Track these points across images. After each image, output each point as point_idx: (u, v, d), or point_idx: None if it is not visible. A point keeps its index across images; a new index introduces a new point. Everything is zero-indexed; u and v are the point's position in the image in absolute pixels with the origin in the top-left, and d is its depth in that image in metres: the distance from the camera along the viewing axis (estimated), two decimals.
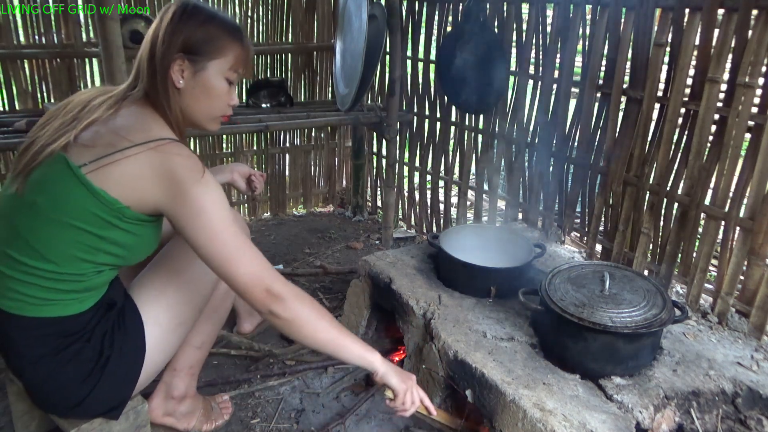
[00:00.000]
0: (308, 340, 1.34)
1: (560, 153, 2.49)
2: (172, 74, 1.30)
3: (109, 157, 1.21)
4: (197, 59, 1.31)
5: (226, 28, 1.33)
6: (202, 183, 1.24)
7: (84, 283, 1.29)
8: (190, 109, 1.36)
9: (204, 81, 1.33)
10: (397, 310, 2.01)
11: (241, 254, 1.26)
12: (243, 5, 3.23)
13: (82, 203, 1.22)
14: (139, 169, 1.22)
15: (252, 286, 1.26)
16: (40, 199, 1.23)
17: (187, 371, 1.67)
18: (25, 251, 1.24)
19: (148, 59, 1.31)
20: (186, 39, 1.29)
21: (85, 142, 1.24)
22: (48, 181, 1.24)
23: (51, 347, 1.30)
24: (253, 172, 1.90)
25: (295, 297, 1.29)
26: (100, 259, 1.29)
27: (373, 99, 3.44)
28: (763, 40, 1.76)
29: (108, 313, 1.37)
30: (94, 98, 1.32)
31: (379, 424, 1.87)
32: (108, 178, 1.22)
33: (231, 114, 1.44)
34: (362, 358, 1.38)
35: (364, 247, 3.24)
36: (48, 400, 1.38)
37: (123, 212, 1.24)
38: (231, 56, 1.34)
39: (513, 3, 2.56)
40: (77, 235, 1.24)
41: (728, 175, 1.91)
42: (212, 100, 1.36)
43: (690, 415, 1.57)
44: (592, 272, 1.79)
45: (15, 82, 2.77)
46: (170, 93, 1.31)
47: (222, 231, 1.25)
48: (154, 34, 1.31)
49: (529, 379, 1.57)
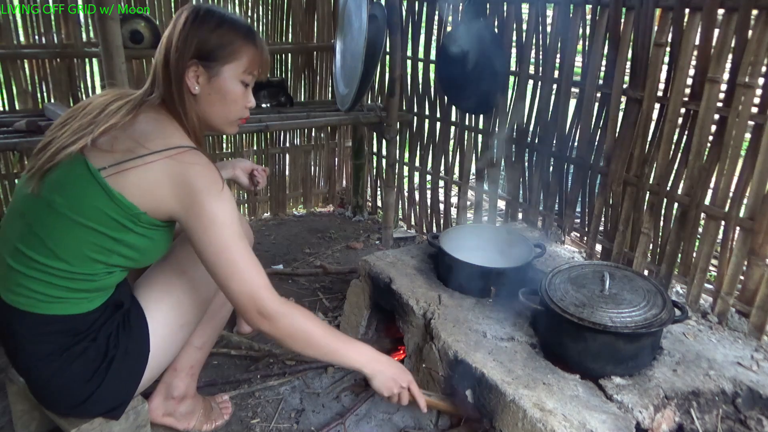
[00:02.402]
0: (300, 351, 1.40)
1: (560, 153, 2.49)
2: (187, 81, 1.31)
3: (129, 162, 1.23)
4: (211, 65, 1.31)
5: (239, 32, 1.33)
6: (218, 197, 1.26)
7: (95, 283, 1.31)
8: (207, 115, 1.37)
9: (219, 86, 1.34)
10: (397, 310, 2.01)
11: (242, 273, 1.29)
12: (243, 5, 3.22)
13: (99, 205, 1.23)
14: (157, 176, 1.24)
15: (245, 305, 1.31)
16: (58, 199, 1.25)
17: (188, 371, 1.67)
18: (39, 249, 1.26)
19: (163, 66, 1.31)
20: (199, 45, 1.30)
21: (103, 147, 1.25)
22: (67, 181, 1.25)
23: (58, 345, 1.31)
24: (255, 167, 1.91)
25: (283, 316, 1.33)
26: (113, 261, 1.30)
27: (373, 99, 3.44)
28: (763, 40, 1.76)
29: (115, 314, 1.38)
30: (112, 102, 1.33)
31: (379, 424, 1.87)
32: (126, 182, 1.23)
33: (248, 116, 1.45)
34: (353, 366, 1.44)
35: (364, 247, 3.24)
36: (52, 399, 1.39)
37: (139, 217, 1.26)
38: (245, 59, 1.34)
39: (513, 3, 2.56)
40: (92, 236, 1.25)
41: (728, 175, 1.91)
42: (228, 104, 1.37)
43: (690, 415, 1.57)
44: (592, 272, 1.79)
45: (15, 82, 2.77)
46: (186, 99, 1.32)
47: (229, 248, 1.27)
48: (168, 40, 1.31)
49: (529, 379, 1.57)
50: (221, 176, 1.29)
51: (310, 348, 1.38)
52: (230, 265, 1.28)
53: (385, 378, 1.46)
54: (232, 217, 1.28)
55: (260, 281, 1.31)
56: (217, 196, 1.26)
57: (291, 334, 1.35)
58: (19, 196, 1.33)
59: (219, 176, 1.29)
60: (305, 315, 1.38)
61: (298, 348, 1.38)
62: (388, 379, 1.46)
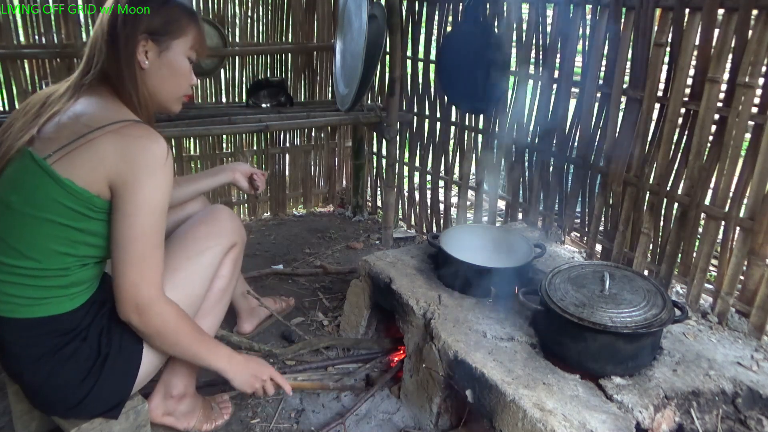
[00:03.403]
0: (164, 350, 1.43)
1: (560, 153, 2.49)
2: (138, 56, 1.32)
3: (72, 144, 1.22)
4: (162, 39, 1.34)
5: (184, 10, 1.38)
6: (158, 176, 1.25)
7: (69, 277, 1.30)
8: (155, 89, 1.38)
9: (169, 60, 1.37)
10: (397, 310, 2.01)
11: (142, 266, 1.28)
12: (243, 5, 3.22)
13: (51, 195, 1.23)
14: (101, 152, 1.22)
15: (125, 295, 1.29)
16: (13, 197, 1.24)
17: (186, 369, 1.67)
18: (5, 251, 1.25)
19: (109, 43, 1.31)
20: (148, 21, 1.32)
21: (48, 135, 1.26)
22: (17, 177, 1.25)
23: (48, 347, 1.31)
24: (254, 171, 1.92)
25: (157, 315, 1.33)
26: (82, 252, 1.30)
27: (373, 99, 3.44)
28: (763, 40, 1.76)
29: (101, 310, 1.38)
30: (52, 93, 1.34)
31: (379, 424, 1.87)
32: (72, 166, 1.22)
33: (191, 94, 1.46)
34: (213, 369, 1.47)
35: (364, 247, 3.24)
36: (47, 402, 1.38)
37: (93, 201, 1.25)
38: (191, 36, 1.39)
39: (513, 3, 2.56)
40: (54, 230, 1.24)
41: (728, 175, 1.91)
42: (177, 78, 1.40)
43: (690, 415, 1.57)
44: (592, 272, 1.79)
45: (15, 82, 2.76)
46: (137, 75, 1.33)
47: (146, 237, 1.27)
48: (112, 18, 1.31)
49: (529, 379, 1.57)
50: (168, 148, 1.28)
51: (174, 349, 1.41)
52: (138, 255, 1.27)
53: (245, 377, 1.51)
54: (162, 206, 1.29)
55: (154, 278, 1.31)
56: (158, 175, 1.25)
57: (160, 334, 1.36)
58: None
59: (165, 149, 1.27)
60: (182, 319, 1.39)
61: (164, 348, 1.41)
62: (249, 377, 1.52)
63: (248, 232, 2.36)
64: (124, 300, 1.30)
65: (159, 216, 1.28)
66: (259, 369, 1.55)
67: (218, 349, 1.49)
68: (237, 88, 3.33)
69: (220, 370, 1.48)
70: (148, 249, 1.28)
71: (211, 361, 1.46)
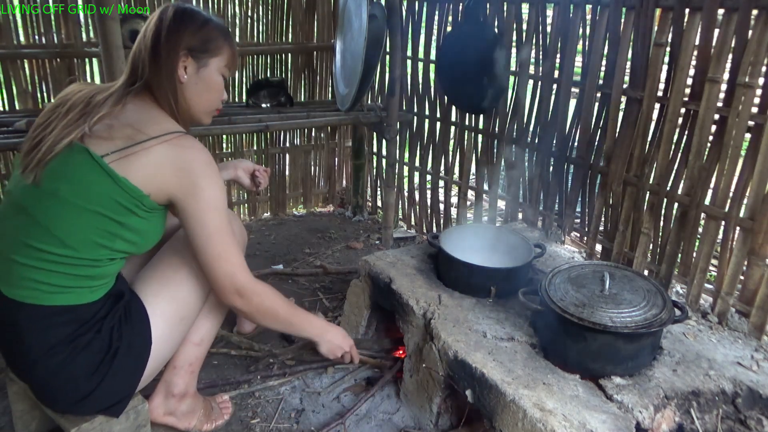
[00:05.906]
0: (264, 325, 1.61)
1: (560, 153, 2.49)
2: (178, 70, 1.41)
3: (130, 148, 1.31)
4: (201, 56, 1.45)
5: (220, 31, 1.49)
6: (215, 181, 1.39)
7: (98, 269, 1.35)
8: (191, 103, 1.48)
9: (206, 76, 1.47)
10: (397, 310, 2.01)
11: (228, 255, 1.43)
12: (243, 5, 3.23)
13: (105, 191, 1.30)
14: (159, 160, 1.33)
15: (224, 284, 1.44)
16: (63, 187, 1.30)
17: (187, 368, 1.67)
18: (45, 239, 1.30)
19: (152, 56, 1.39)
20: (190, 38, 1.42)
21: (101, 135, 1.32)
22: (70, 170, 1.30)
23: (64, 335, 1.33)
24: (257, 168, 1.96)
25: (257, 294, 1.49)
26: (117, 246, 1.36)
27: (373, 99, 3.44)
28: (763, 40, 1.76)
29: (116, 305, 1.41)
30: (94, 96, 1.38)
31: (379, 424, 1.87)
32: (130, 167, 1.31)
33: (221, 109, 1.59)
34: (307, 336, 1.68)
35: (364, 247, 3.24)
36: (54, 395, 1.39)
37: (143, 200, 1.33)
38: (226, 55, 1.50)
39: (513, 3, 2.56)
40: (98, 221, 1.31)
41: (728, 175, 1.91)
42: (212, 93, 1.51)
43: (690, 415, 1.57)
44: (592, 272, 1.79)
45: (15, 82, 2.77)
46: (176, 87, 1.43)
47: (220, 231, 1.41)
48: (156, 33, 1.40)
49: (529, 379, 1.57)
50: (214, 161, 1.41)
51: (275, 323, 1.59)
52: (219, 247, 1.41)
53: (332, 345, 1.71)
54: (224, 202, 1.43)
55: (241, 263, 1.46)
56: (214, 181, 1.39)
57: (261, 311, 1.52)
58: (17, 191, 1.35)
59: (209, 153, 1.41)
60: (274, 293, 1.55)
61: (264, 322, 1.57)
62: (334, 347, 1.72)
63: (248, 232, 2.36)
64: (224, 289, 1.45)
65: (223, 209, 1.41)
66: (344, 341, 1.74)
67: (313, 319, 1.70)
68: (237, 88, 3.34)
69: (313, 336, 1.68)
70: (225, 240, 1.41)
71: (307, 329, 1.66)
